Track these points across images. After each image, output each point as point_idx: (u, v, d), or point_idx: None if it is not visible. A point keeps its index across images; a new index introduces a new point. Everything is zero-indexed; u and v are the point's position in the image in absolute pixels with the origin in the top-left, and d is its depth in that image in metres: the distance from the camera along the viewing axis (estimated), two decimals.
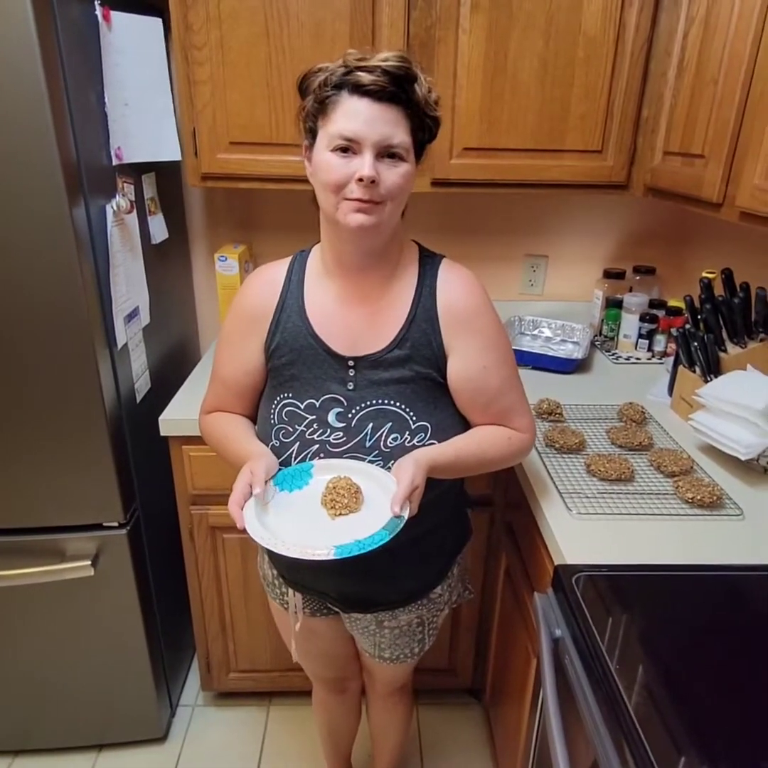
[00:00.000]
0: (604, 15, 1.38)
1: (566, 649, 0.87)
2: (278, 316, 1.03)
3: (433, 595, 1.14)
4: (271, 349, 1.03)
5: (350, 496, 0.92)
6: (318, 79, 0.88)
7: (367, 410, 0.99)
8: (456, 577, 1.19)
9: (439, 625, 1.22)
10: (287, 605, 1.19)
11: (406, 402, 0.99)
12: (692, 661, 0.79)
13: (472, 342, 1.00)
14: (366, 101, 0.85)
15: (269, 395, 1.05)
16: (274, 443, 1.02)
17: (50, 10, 1.08)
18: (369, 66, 0.85)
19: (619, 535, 1.04)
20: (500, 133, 1.47)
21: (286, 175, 1.49)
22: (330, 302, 1.02)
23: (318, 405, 1.00)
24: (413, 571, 1.09)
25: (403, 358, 0.99)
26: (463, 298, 1.01)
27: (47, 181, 1.12)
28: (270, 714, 1.82)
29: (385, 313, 1.01)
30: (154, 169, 1.55)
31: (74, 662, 1.56)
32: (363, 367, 1.00)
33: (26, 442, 1.32)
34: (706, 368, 1.36)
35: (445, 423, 1.02)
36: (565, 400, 1.50)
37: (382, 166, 0.87)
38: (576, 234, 1.93)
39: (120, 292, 1.34)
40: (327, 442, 0.99)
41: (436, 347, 1.00)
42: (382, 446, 0.98)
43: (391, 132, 0.86)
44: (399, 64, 0.85)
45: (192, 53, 1.38)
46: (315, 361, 1.01)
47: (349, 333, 1.00)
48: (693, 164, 1.27)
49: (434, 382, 1.01)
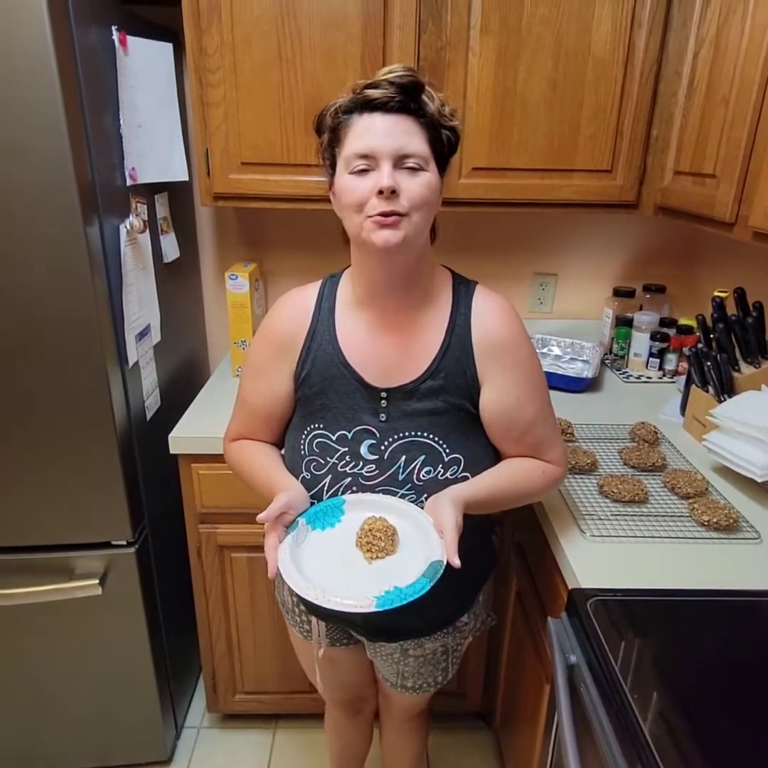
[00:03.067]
0: (614, 37, 1.39)
1: (581, 676, 0.85)
2: (309, 343, 1.00)
3: (459, 623, 1.12)
4: (302, 377, 1.00)
5: (387, 539, 0.90)
6: (330, 111, 0.89)
7: (399, 442, 0.97)
8: (481, 604, 1.17)
9: (462, 653, 1.19)
10: (307, 633, 1.17)
11: (439, 434, 0.96)
12: (710, 690, 0.77)
13: (507, 373, 0.97)
14: (377, 115, 0.85)
15: (298, 425, 1.02)
16: (305, 475, 0.99)
17: (69, 36, 1.10)
18: (375, 82, 0.85)
19: (634, 559, 1.02)
20: (509, 153, 1.48)
21: (296, 195, 1.50)
22: (361, 331, 0.99)
23: (350, 436, 0.97)
24: (440, 599, 1.06)
25: (436, 389, 0.96)
26: (499, 327, 0.98)
27: (64, 202, 1.13)
28: (276, 737, 1.79)
29: (418, 342, 0.98)
30: (167, 189, 1.57)
31: (79, 682, 1.54)
32: (396, 398, 0.97)
33: (36, 459, 1.31)
34: (719, 388, 1.35)
35: (478, 455, 0.99)
36: (576, 419, 1.49)
37: (402, 176, 0.85)
38: (585, 252, 1.93)
39: (132, 311, 1.35)
40: (360, 475, 0.97)
41: (470, 377, 0.97)
42: (415, 479, 0.96)
43: (405, 141, 0.85)
44: (404, 74, 0.85)
45: (206, 76, 1.40)
46: (347, 391, 0.98)
47: (381, 363, 0.98)
48: (704, 184, 1.26)
49: (467, 413, 0.98)
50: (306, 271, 1.15)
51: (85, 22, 1.15)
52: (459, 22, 1.37)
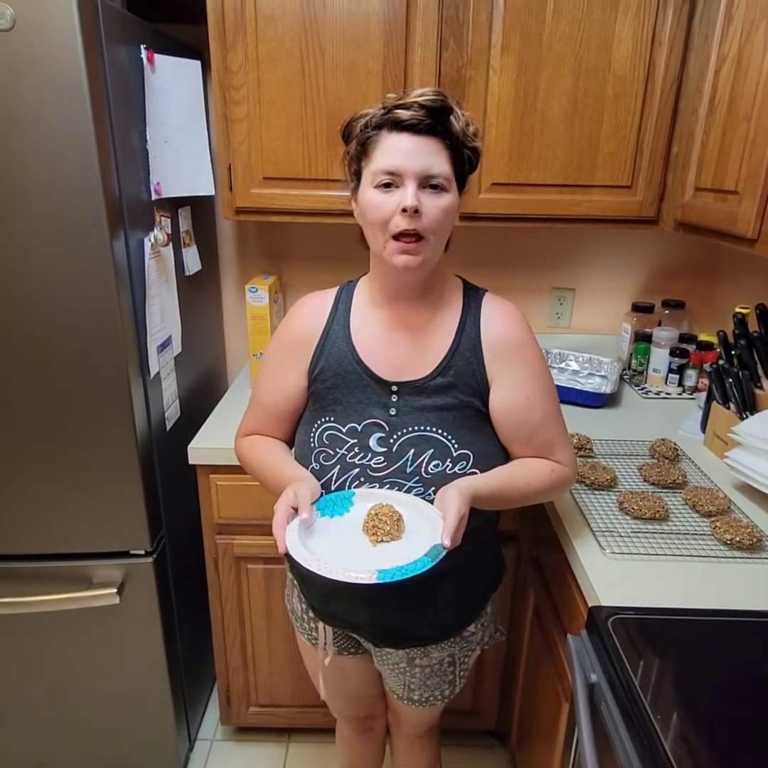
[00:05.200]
0: (634, 55, 1.40)
1: (602, 695, 0.84)
2: (323, 341, 1.04)
3: (466, 633, 1.12)
4: (315, 373, 1.04)
5: (392, 524, 0.92)
6: (359, 123, 0.92)
7: (408, 436, 0.99)
8: (489, 616, 1.17)
9: (470, 666, 1.19)
10: (315, 641, 1.17)
11: (448, 429, 0.99)
12: (732, 711, 0.76)
13: (516, 373, 1.01)
14: (405, 136, 0.88)
15: (309, 419, 1.06)
16: (314, 466, 1.02)
17: (100, 55, 1.13)
18: (406, 103, 0.88)
19: (655, 577, 1.01)
20: (529, 168, 1.49)
21: (317, 209, 1.52)
22: (375, 328, 1.03)
23: (360, 429, 1.00)
24: (448, 604, 1.07)
25: (446, 386, 1.00)
26: (507, 329, 1.02)
27: (91, 216, 1.16)
28: (289, 751, 1.78)
29: (429, 340, 1.02)
30: (190, 203, 1.60)
31: (94, 690, 1.54)
32: (406, 392, 1.00)
33: (57, 469, 1.33)
34: (741, 405, 1.33)
35: (487, 452, 1.01)
36: (594, 434, 1.48)
37: (425, 196, 0.89)
38: (603, 267, 1.92)
39: (154, 322, 1.37)
40: (368, 467, 0.99)
41: (480, 376, 1.00)
42: (423, 472, 0.98)
43: (431, 162, 0.89)
44: (435, 98, 0.88)
45: (230, 93, 1.43)
46: (358, 386, 1.01)
47: (392, 358, 1.01)
48: (726, 200, 1.26)
49: (476, 410, 1.01)
50: (325, 283, 1.16)
51: (114, 42, 1.18)
52: (480, 41, 1.39)
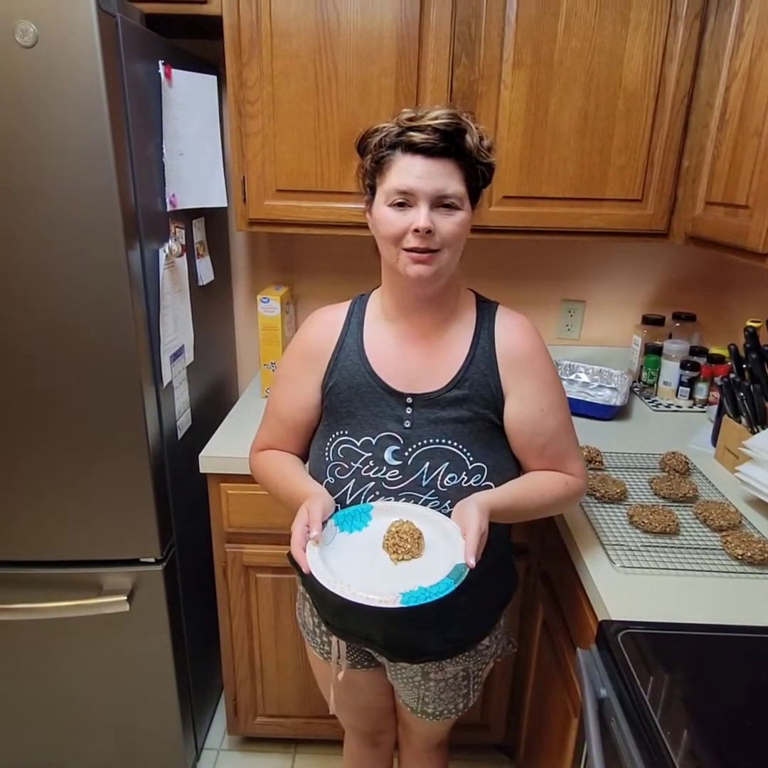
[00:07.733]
0: (645, 70, 1.41)
1: (612, 710, 0.83)
2: (337, 354, 1.04)
3: (480, 646, 1.11)
4: (329, 387, 1.04)
5: (413, 542, 0.91)
6: (374, 139, 0.93)
7: (423, 449, 0.99)
8: (502, 629, 1.17)
9: (483, 679, 1.18)
10: (327, 655, 1.16)
11: (463, 442, 0.99)
12: (743, 729, 0.75)
13: (530, 385, 1.01)
14: (419, 158, 0.89)
15: (323, 433, 1.06)
16: (329, 480, 1.02)
17: (119, 69, 1.15)
18: (420, 126, 0.89)
19: (665, 591, 1.01)
20: (540, 182, 1.50)
21: (329, 221, 1.54)
22: (389, 341, 1.04)
23: (374, 442, 1.00)
24: (463, 619, 1.06)
25: (461, 398, 1.00)
26: (521, 341, 1.02)
27: (108, 227, 1.18)
28: (295, 762, 1.77)
29: (443, 353, 1.02)
30: (204, 215, 1.62)
31: (103, 697, 1.55)
32: (420, 405, 1.01)
33: (68, 475, 1.34)
34: (752, 419, 1.33)
35: (501, 465, 1.02)
36: (604, 447, 1.48)
37: (437, 216, 0.90)
38: (614, 279, 1.93)
39: (168, 332, 1.39)
40: (383, 480, 0.99)
41: (494, 389, 1.01)
42: (438, 486, 0.98)
43: (444, 184, 0.90)
44: (449, 121, 0.89)
45: (245, 107, 1.45)
46: (372, 399, 1.01)
47: (407, 371, 1.02)
48: (737, 214, 1.26)
49: (491, 423, 1.01)
50: (336, 295, 1.17)
51: (133, 57, 1.20)
52: (492, 56, 1.40)
